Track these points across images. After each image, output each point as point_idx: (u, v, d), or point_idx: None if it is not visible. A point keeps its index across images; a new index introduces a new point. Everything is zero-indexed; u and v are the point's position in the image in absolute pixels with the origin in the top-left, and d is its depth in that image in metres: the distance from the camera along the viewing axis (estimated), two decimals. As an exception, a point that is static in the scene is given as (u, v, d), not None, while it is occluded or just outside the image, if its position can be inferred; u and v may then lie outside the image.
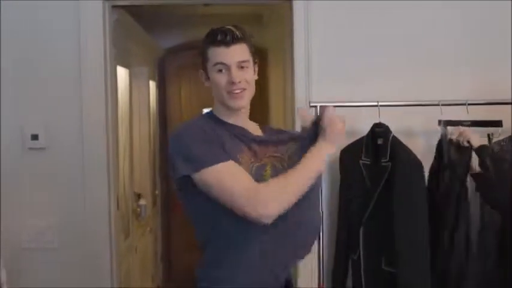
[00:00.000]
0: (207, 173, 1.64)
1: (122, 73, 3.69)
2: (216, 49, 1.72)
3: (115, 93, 2.90)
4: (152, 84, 4.95)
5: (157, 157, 5.00)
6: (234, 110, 1.77)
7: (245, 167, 1.68)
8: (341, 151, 2.56)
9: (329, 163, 2.61)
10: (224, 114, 1.78)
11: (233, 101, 1.74)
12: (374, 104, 2.46)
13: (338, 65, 2.67)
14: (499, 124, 2.39)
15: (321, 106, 1.90)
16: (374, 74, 2.66)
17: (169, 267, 5.47)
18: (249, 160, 1.71)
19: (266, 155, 1.75)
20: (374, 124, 2.47)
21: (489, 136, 2.44)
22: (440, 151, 2.44)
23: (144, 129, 4.50)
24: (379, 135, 2.46)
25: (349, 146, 2.55)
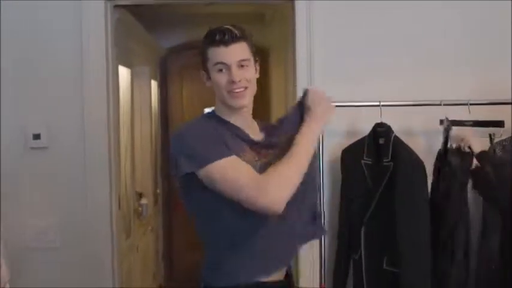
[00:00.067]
0: (212, 169, 1.64)
1: (124, 72, 3.69)
2: (216, 49, 1.72)
3: (117, 92, 2.91)
4: (154, 83, 4.95)
5: (158, 156, 5.00)
6: (236, 110, 1.77)
7: (249, 165, 1.69)
8: (342, 151, 2.56)
9: (330, 163, 2.62)
10: (226, 113, 1.78)
11: (234, 101, 1.74)
12: (376, 104, 2.45)
13: (340, 65, 2.67)
14: (501, 124, 2.38)
15: (305, 88, 1.90)
16: (376, 74, 2.66)
17: (170, 266, 5.47)
18: (253, 158, 1.72)
19: (268, 155, 1.75)
20: (376, 124, 2.47)
21: (491, 136, 2.43)
22: (443, 150, 2.44)
23: (146, 128, 4.50)
24: (380, 135, 2.45)
25: (350, 146, 2.55)
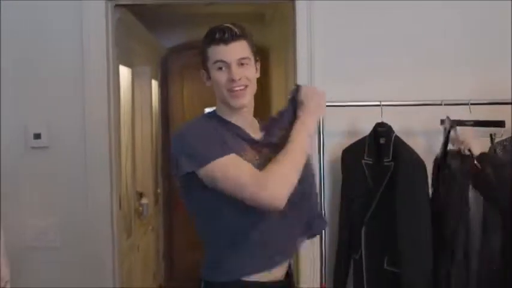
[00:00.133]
0: (212, 167, 1.64)
1: (125, 72, 3.69)
2: (215, 47, 1.71)
3: (117, 92, 2.91)
4: (154, 83, 4.95)
5: (159, 156, 5.01)
6: (236, 109, 1.76)
7: (249, 162, 1.68)
8: (343, 151, 2.56)
9: (331, 163, 2.62)
10: (226, 113, 1.78)
11: (234, 100, 1.73)
12: (377, 104, 2.45)
13: (340, 65, 2.67)
14: (502, 124, 2.38)
15: (296, 84, 1.90)
16: (376, 74, 2.66)
17: (171, 265, 5.47)
18: (254, 157, 1.71)
19: (268, 154, 1.75)
20: (376, 124, 2.47)
21: (491, 136, 2.43)
22: (443, 151, 2.44)
23: (147, 128, 4.50)
24: (381, 134, 2.45)
25: (351, 146, 2.54)
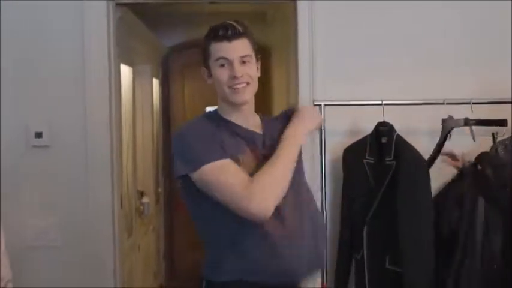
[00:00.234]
0: (204, 171, 1.64)
1: (126, 71, 3.69)
2: (218, 44, 1.71)
3: (118, 91, 2.90)
4: (156, 82, 4.95)
5: (160, 155, 5.00)
6: (237, 106, 1.76)
7: (248, 167, 1.68)
8: (344, 150, 2.55)
9: (332, 162, 2.61)
10: (227, 111, 1.78)
11: (235, 96, 1.73)
12: (378, 103, 2.45)
13: (342, 65, 2.66)
14: (504, 123, 2.37)
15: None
16: (377, 74, 2.65)
17: (172, 265, 5.47)
18: (252, 161, 1.71)
19: (267, 155, 1.73)
20: (378, 123, 2.47)
21: (493, 135, 2.42)
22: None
23: (148, 127, 4.49)
24: (383, 134, 2.45)
25: (352, 145, 2.54)
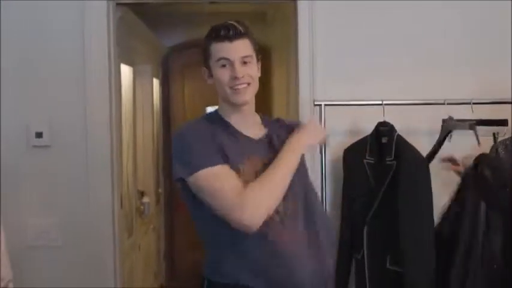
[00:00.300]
0: (199, 177, 1.64)
1: (126, 71, 3.69)
2: (219, 44, 1.71)
3: (119, 91, 2.90)
4: (156, 82, 4.95)
5: (160, 155, 5.00)
6: (238, 106, 1.75)
7: (247, 174, 1.67)
8: (344, 150, 2.55)
9: (332, 162, 2.61)
10: (228, 111, 1.77)
11: (236, 97, 1.72)
12: (378, 103, 2.45)
13: (342, 65, 2.66)
14: (505, 123, 2.37)
15: None
16: (377, 74, 2.65)
17: (172, 265, 5.47)
18: (253, 168, 1.70)
19: (267, 159, 1.73)
20: (378, 123, 2.47)
21: (494, 135, 2.42)
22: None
23: (148, 127, 4.50)
24: (383, 134, 2.45)
25: (352, 145, 2.54)
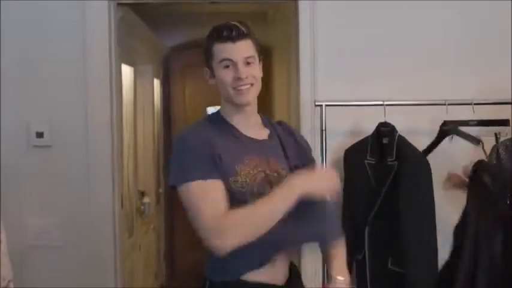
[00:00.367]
0: (186, 188, 1.64)
1: (127, 71, 3.69)
2: (222, 45, 1.70)
3: (119, 91, 2.90)
4: (156, 82, 4.95)
5: (161, 155, 5.00)
6: (241, 107, 1.75)
7: (244, 179, 1.67)
8: (345, 150, 2.55)
9: (333, 162, 2.61)
10: (230, 111, 1.77)
11: (239, 97, 1.71)
12: (380, 103, 2.45)
13: (343, 65, 2.66)
14: (506, 123, 2.37)
15: None
16: (378, 74, 2.65)
17: (172, 265, 5.47)
18: (250, 172, 1.69)
19: (268, 167, 1.72)
20: (379, 123, 2.46)
21: (496, 135, 2.41)
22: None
23: (148, 127, 4.50)
24: (384, 134, 2.45)
25: (353, 146, 2.54)
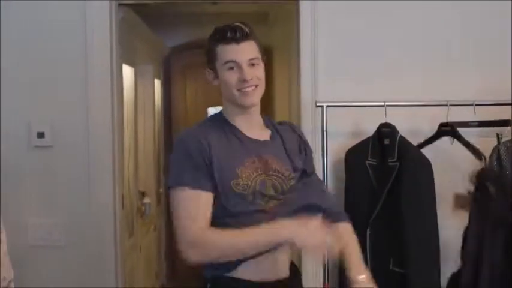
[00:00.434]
0: (174, 192, 1.66)
1: (128, 71, 3.69)
2: (226, 47, 1.69)
3: (121, 91, 2.90)
4: (157, 82, 4.95)
5: (161, 155, 5.00)
6: (245, 108, 1.74)
7: (246, 181, 1.67)
8: (346, 152, 2.55)
9: (334, 164, 2.61)
10: (232, 113, 1.76)
11: (244, 99, 1.70)
12: (381, 104, 2.45)
13: (344, 65, 2.66)
14: (507, 123, 2.37)
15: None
16: (379, 74, 2.65)
17: (173, 265, 5.47)
18: (251, 174, 1.69)
19: (270, 168, 1.73)
20: (380, 124, 2.46)
21: (498, 136, 2.40)
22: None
23: (149, 127, 4.50)
24: (385, 135, 2.44)
25: (354, 147, 2.53)
